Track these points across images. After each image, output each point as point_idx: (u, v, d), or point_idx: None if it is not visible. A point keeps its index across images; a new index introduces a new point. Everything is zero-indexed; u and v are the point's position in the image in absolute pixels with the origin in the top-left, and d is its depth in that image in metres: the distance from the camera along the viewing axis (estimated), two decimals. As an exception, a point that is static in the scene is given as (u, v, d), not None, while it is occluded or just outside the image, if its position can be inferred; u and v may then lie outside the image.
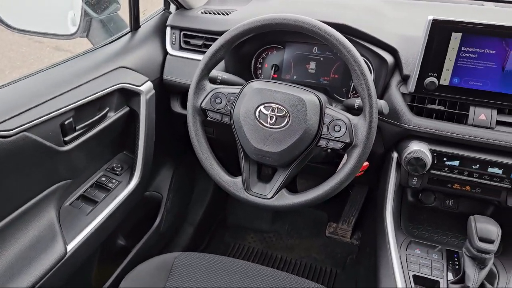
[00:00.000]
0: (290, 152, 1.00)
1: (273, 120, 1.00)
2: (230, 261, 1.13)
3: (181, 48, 1.41)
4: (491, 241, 0.95)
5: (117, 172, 1.34)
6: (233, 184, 1.07)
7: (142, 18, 1.43)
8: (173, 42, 1.42)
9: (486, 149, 1.07)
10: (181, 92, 1.41)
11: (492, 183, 1.09)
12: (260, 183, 1.07)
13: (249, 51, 1.33)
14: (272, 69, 1.32)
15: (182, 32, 1.40)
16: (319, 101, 1.00)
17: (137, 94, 1.28)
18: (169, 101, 1.48)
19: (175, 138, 1.65)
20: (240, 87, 1.06)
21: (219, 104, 1.06)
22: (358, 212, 2.02)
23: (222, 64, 1.30)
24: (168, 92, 1.45)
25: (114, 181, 1.31)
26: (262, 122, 1.00)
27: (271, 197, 1.04)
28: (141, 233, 1.56)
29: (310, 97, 1.00)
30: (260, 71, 1.36)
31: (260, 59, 1.35)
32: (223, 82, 1.13)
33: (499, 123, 1.05)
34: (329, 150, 1.23)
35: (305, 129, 0.97)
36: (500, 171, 1.06)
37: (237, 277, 1.08)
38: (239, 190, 1.06)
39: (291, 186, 1.08)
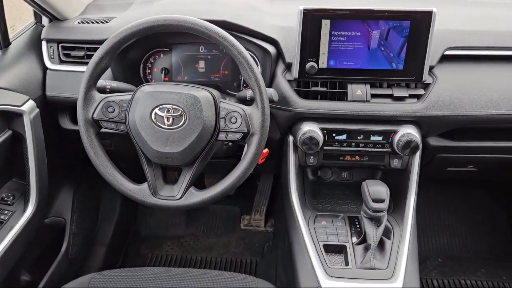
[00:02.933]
0: (192, 150, 1.01)
1: (170, 121, 1.00)
2: (149, 270, 1.11)
3: (61, 62, 1.34)
4: (382, 201, 1.08)
5: (9, 202, 1.23)
6: (139, 191, 1.05)
7: (11, 34, 1.33)
8: (52, 56, 1.34)
9: (366, 120, 1.20)
10: (69, 107, 1.34)
11: (376, 149, 1.22)
12: (168, 186, 1.07)
13: (136, 56, 1.31)
14: (162, 73, 1.32)
15: (60, 45, 1.33)
16: (213, 96, 1.03)
17: (19, 115, 1.19)
18: (57, 118, 1.39)
19: (70, 156, 1.55)
20: (132, 93, 1.04)
21: (112, 112, 1.04)
22: (268, 200, 2.11)
23: (110, 73, 1.26)
24: (54, 109, 1.37)
25: (6, 212, 1.20)
26: (160, 124, 1.00)
27: (180, 197, 1.04)
28: (48, 263, 1.45)
29: (203, 94, 1.02)
30: (150, 76, 1.35)
31: (148, 64, 1.34)
32: (113, 91, 1.10)
33: (373, 96, 1.19)
34: (230, 144, 1.27)
35: (203, 125, 1.00)
36: (380, 138, 1.20)
37: (159, 283, 1.07)
38: (146, 196, 1.05)
39: (199, 184, 1.09)
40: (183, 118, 1.00)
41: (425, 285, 1.77)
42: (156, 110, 1.00)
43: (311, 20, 1.11)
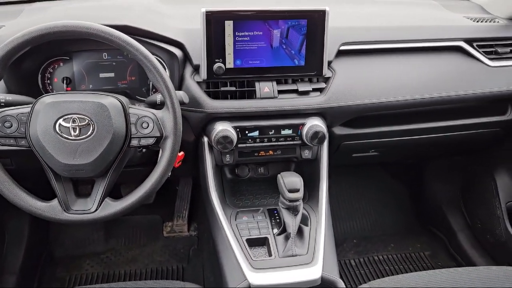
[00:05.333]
0: (103, 159, 0.98)
1: (77, 132, 0.96)
2: None
3: None
4: (297, 190, 1.14)
5: None
6: (49, 208, 0.99)
7: None
8: None
9: (276, 116, 1.25)
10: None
11: (287, 142, 1.28)
12: (80, 199, 1.03)
13: (32, 66, 1.23)
14: (64, 83, 1.25)
15: None
16: (121, 102, 1.00)
17: None
18: None
19: None
20: (31, 105, 0.98)
21: (10, 128, 0.96)
22: (189, 204, 2.10)
23: (3, 86, 1.17)
24: None
25: None
26: (66, 136, 0.95)
27: (96, 210, 1.01)
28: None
29: (111, 101, 0.99)
30: (51, 86, 1.27)
31: (47, 74, 1.26)
32: (9, 104, 1.01)
33: (280, 92, 1.24)
34: (144, 150, 1.25)
35: (113, 133, 0.97)
36: (290, 131, 1.26)
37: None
38: (58, 213, 0.99)
39: (116, 196, 1.06)
40: (91, 127, 0.96)
41: (343, 266, 1.90)
42: (60, 121, 0.95)
43: (214, 21, 1.14)
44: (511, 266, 1.17)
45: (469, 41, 1.43)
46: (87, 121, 0.96)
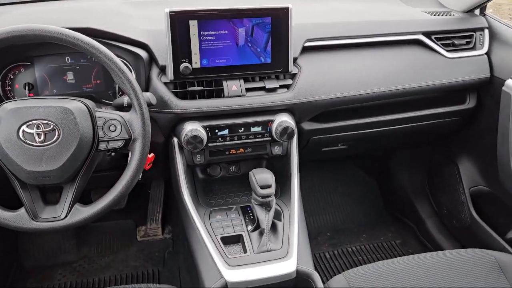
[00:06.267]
0: (71, 165, 0.96)
1: (42, 138, 0.94)
2: None
3: None
4: (269, 186, 1.15)
5: None
6: (16, 217, 0.97)
7: None
8: None
9: (245, 113, 1.26)
10: None
11: (257, 139, 1.29)
12: (49, 207, 1.00)
13: (-9, 73, 1.19)
14: (26, 89, 1.22)
15: None
16: (87, 106, 0.99)
17: None
18: None
19: None
20: None
21: (-29, 136, 0.93)
22: (162, 207, 2.08)
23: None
24: None
25: None
26: (30, 142, 0.93)
27: (65, 216, 0.99)
28: None
29: (76, 105, 0.98)
30: (12, 93, 1.24)
31: (7, 80, 1.22)
32: None
33: (248, 90, 1.25)
34: (113, 153, 1.23)
35: (80, 137, 0.95)
36: (260, 128, 1.27)
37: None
38: (25, 222, 0.97)
39: (86, 201, 1.04)
40: (57, 133, 0.95)
41: (318, 259, 1.93)
42: (24, 127, 0.93)
43: (179, 22, 1.14)
44: (476, 248, 1.23)
45: (428, 34, 1.48)
46: (52, 126, 0.94)
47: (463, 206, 1.78)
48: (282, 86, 1.28)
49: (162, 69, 1.22)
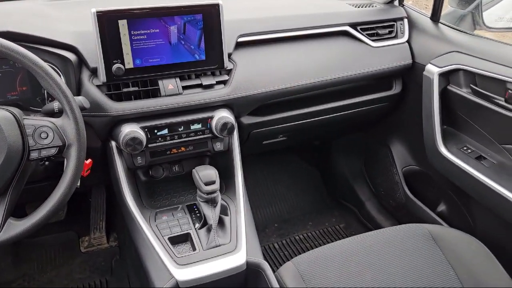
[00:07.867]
0: (0, 177, 0.91)
1: (-35, 151, 0.87)
2: None
3: None
4: (213, 182, 1.16)
5: None
6: None
7: None
8: None
9: (184, 112, 1.26)
10: None
11: (198, 137, 1.29)
12: None
13: None
14: None
15: None
16: (13, 114, 0.94)
17: None
18: None
19: None
20: None
21: None
22: (105, 214, 2.01)
23: None
24: None
25: None
26: (-48, 156, 0.87)
27: (-2, 232, 0.93)
28: None
29: (1, 114, 0.92)
30: None
31: None
32: None
33: (185, 88, 1.25)
34: (46, 162, 1.18)
35: (8, 148, 0.90)
36: (200, 125, 1.27)
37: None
38: None
39: (20, 214, 0.98)
40: (-19, 144, 0.89)
41: (268, 250, 1.97)
42: None
43: (107, 22, 1.10)
44: (411, 223, 1.32)
45: (353, 25, 1.56)
46: (-25, 138, 0.88)
47: (397, 186, 1.89)
48: (218, 82, 1.29)
49: (93, 72, 1.18)
